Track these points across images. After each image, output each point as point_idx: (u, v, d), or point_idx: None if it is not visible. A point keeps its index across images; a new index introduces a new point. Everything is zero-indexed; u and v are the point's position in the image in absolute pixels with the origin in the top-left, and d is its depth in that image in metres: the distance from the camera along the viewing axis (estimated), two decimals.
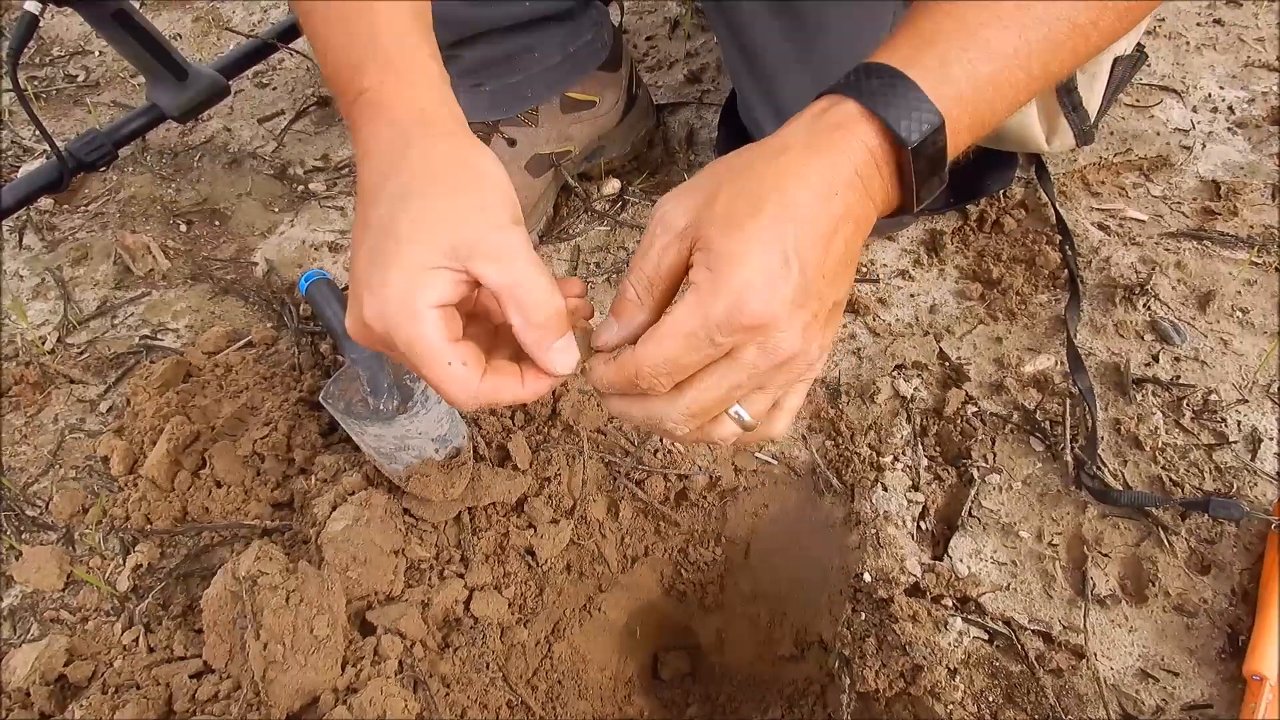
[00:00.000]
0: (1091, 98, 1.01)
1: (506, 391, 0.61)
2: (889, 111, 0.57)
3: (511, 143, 1.18)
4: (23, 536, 0.99)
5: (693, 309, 0.55)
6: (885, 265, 1.19)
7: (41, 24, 1.11)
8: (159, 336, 1.18)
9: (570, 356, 0.61)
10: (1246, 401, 0.99)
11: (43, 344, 1.17)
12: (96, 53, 1.61)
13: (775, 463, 1.04)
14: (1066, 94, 0.99)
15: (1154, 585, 0.89)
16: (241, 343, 1.16)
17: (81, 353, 1.17)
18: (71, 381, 1.13)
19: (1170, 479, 0.95)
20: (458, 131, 0.65)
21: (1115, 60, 1.00)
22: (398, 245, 0.58)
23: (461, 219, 0.59)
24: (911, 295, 1.15)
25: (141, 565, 0.96)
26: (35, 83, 1.56)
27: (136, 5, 1.65)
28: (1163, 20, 1.42)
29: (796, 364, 0.58)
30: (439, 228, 0.59)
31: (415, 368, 0.60)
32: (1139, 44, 1.04)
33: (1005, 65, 0.60)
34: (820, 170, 0.57)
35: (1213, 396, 1.00)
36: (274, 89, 1.52)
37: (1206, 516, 0.91)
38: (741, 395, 0.60)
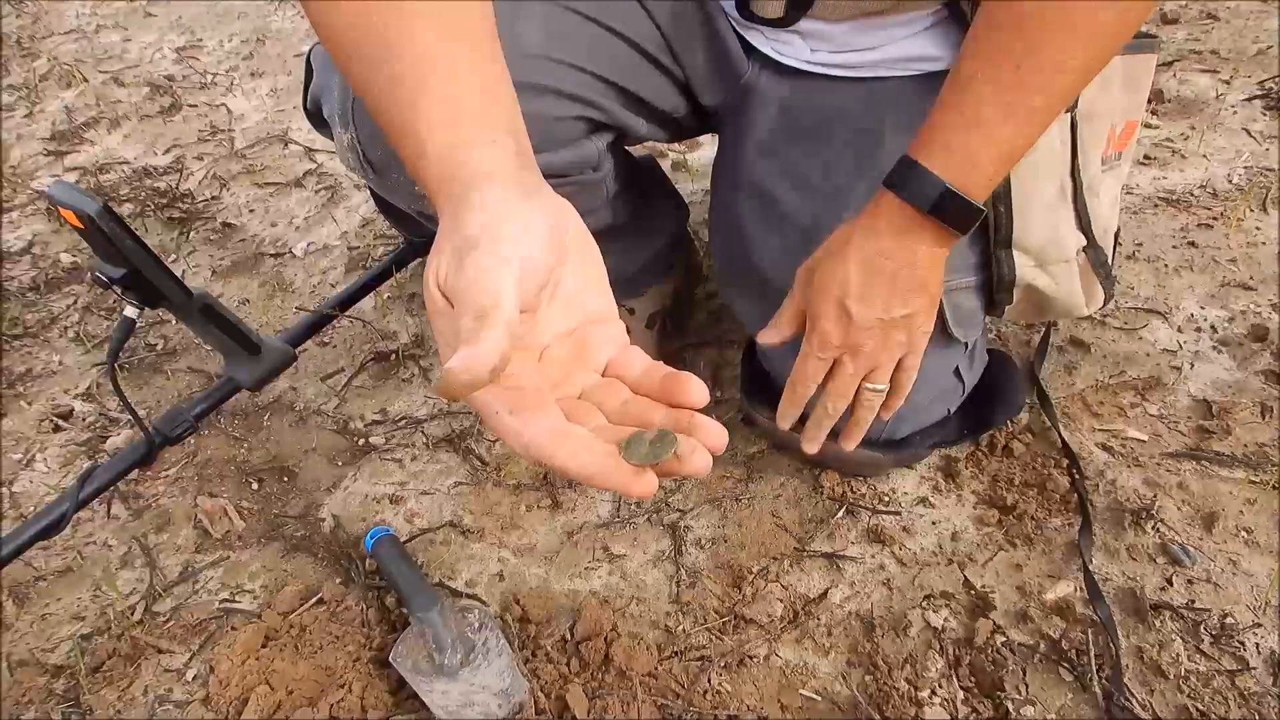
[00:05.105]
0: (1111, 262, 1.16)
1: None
2: (904, 191, 0.88)
3: (631, 311, 1.46)
4: None
5: (805, 342, 0.99)
6: (906, 493, 1.28)
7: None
8: (237, 599, 1.28)
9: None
10: (1261, 625, 1.05)
11: (131, 614, 1.27)
12: (172, 321, 1.79)
13: (819, 698, 1.09)
14: (1100, 265, 1.12)
15: None
16: (313, 600, 1.25)
17: (166, 620, 1.26)
18: (159, 651, 1.22)
19: (1197, 708, 0.99)
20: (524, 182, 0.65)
21: (1116, 233, 1.16)
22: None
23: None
24: (933, 523, 1.24)
25: None
26: (120, 355, 1.73)
27: (210, 282, 1.84)
28: (1140, 245, 1.56)
29: (868, 349, 0.96)
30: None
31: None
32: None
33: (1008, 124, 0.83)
34: (862, 241, 0.92)
35: (1228, 619, 1.06)
36: (334, 347, 1.68)
37: None
38: (861, 376, 0.99)
